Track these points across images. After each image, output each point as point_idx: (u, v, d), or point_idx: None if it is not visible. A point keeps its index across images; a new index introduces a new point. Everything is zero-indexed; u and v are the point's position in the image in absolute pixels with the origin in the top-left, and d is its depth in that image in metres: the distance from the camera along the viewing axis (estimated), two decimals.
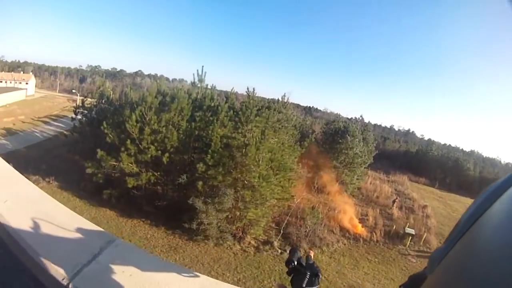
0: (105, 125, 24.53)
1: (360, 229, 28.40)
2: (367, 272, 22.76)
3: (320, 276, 4.63)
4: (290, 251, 5.03)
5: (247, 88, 24.24)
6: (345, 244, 26.18)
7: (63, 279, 2.91)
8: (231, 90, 29.45)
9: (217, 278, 18.01)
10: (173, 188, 24.64)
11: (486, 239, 0.85)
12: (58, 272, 2.96)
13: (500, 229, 0.81)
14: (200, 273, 14.20)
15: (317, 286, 4.83)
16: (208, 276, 14.38)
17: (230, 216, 22.27)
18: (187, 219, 21.21)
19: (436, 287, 0.98)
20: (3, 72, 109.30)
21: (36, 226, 3.52)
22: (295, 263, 4.83)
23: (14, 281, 3.46)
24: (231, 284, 17.73)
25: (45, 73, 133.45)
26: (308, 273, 4.51)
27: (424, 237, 29.89)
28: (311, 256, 5.23)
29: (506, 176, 1.00)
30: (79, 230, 3.57)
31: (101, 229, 3.79)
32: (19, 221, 3.55)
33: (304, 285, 4.69)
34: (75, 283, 2.87)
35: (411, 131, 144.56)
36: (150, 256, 3.96)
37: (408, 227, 30.59)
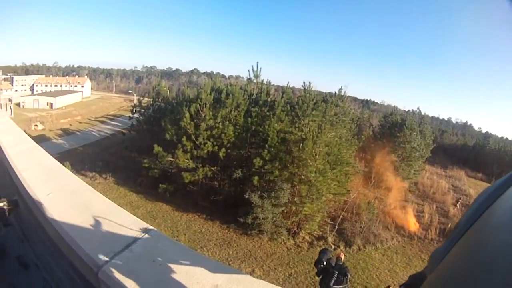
0: (164, 122, 25.16)
1: (413, 226, 27.71)
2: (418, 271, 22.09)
3: (349, 276, 4.55)
4: (320, 252, 4.96)
5: (303, 82, 24.41)
6: (399, 242, 25.70)
7: (95, 266, 3.03)
8: (287, 84, 29.64)
9: (268, 273, 18.26)
10: (230, 183, 24.91)
11: (486, 239, 0.85)
12: (91, 259, 3.09)
13: (501, 229, 0.81)
14: (253, 266, 14.29)
15: (344, 286, 4.73)
16: (260, 269, 14.48)
17: (285, 211, 22.23)
18: (242, 213, 21.43)
19: (436, 287, 0.98)
20: (58, 76, 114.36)
21: (75, 216, 3.68)
22: (324, 263, 4.76)
23: (55, 267, 3.78)
24: (282, 277, 17.56)
25: (100, 76, 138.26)
26: (336, 273, 4.42)
27: None
28: (341, 258, 5.15)
29: (507, 175, 0.99)
30: (117, 220, 3.70)
31: (139, 219, 3.84)
32: (60, 212, 3.74)
33: (331, 284, 4.59)
34: (106, 269, 2.98)
35: (468, 123, 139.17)
36: (183, 247, 3.94)
37: None
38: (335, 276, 4.59)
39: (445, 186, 42.04)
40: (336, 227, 24.24)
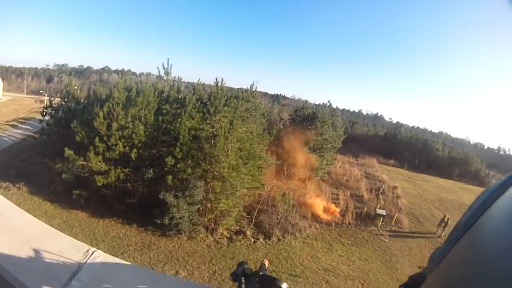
0: (74, 124, 24.09)
1: (327, 214, 28.94)
2: (341, 255, 23.19)
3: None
4: (237, 264, 5.09)
5: (216, 79, 24.49)
6: (317, 229, 26.57)
7: None
8: (198, 81, 29.34)
9: (192, 273, 18.08)
10: (143, 184, 24.42)
11: (485, 240, 0.85)
12: None
13: (499, 230, 0.81)
14: (176, 268, 14.14)
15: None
16: (183, 270, 14.36)
17: (201, 209, 22.28)
18: (158, 214, 21.10)
19: (435, 287, 0.99)
20: None
21: (7, 244, 3.31)
22: (239, 275, 4.93)
23: None
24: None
25: (12, 75, 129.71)
26: (243, 279, 4.59)
27: (395, 217, 30.70)
28: (265, 265, 5.30)
29: (505, 177, 1.01)
30: (54, 244, 3.35)
31: (78, 241, 3.49)
32: None
33: None
34: None
35: (379, 114, 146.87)
36: (135, 268, 3.67)
37: (379, 208, 31.50)
38: (243, 282, 4.68)
39: (358, 174, 44.40)
40: (253, 220, 24.58)
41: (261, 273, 4.94)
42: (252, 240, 23.05)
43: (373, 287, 20.51)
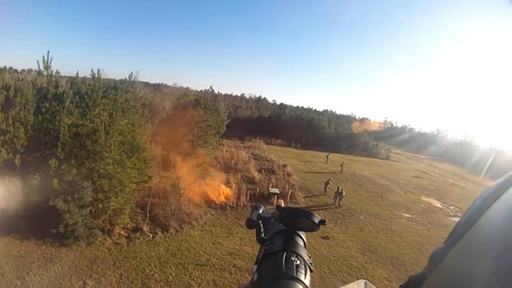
0: None
1: (222, 197, 31.08)
2: (242, 237, 24.90)
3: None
4: (252, 209, 4.65)
5: (92, 70, 24.23)
6: (213, 215, 28.26)
7: None
8: (76, 74, 28.86)
9: (99, 280, 19.24)
10: (32, 192, 23.59)
11: (486, 240, 0.90)
12: None
13: (501, 229, 0.85)
14: (83, 278, 14.93)
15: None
16: (90, 279, 15.15)
17: (93, 210, 22.64)
18: (53, 223, 21.08)
19: (435, 287, 1.04)
20: None
21: None
22: (255, 219, 4.73)
23: None
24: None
25: None
26: (261, 222, 4.41)
27: (289, 194, 33.96)
28: (280, 205, 5.13)
29: (506, 176, 1.06)
30: None
31: None
32: None
33: (263, 236, 4.70)
34: None
35: (262, 97, 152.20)
36: None
37: (271, 187, 34.50)
38: (262, 226, 4.68)
39: (245, 156, 47.62)
40: (148, 215, 25.41)
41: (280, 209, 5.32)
42: (151, 235, 23.94)
43: None
